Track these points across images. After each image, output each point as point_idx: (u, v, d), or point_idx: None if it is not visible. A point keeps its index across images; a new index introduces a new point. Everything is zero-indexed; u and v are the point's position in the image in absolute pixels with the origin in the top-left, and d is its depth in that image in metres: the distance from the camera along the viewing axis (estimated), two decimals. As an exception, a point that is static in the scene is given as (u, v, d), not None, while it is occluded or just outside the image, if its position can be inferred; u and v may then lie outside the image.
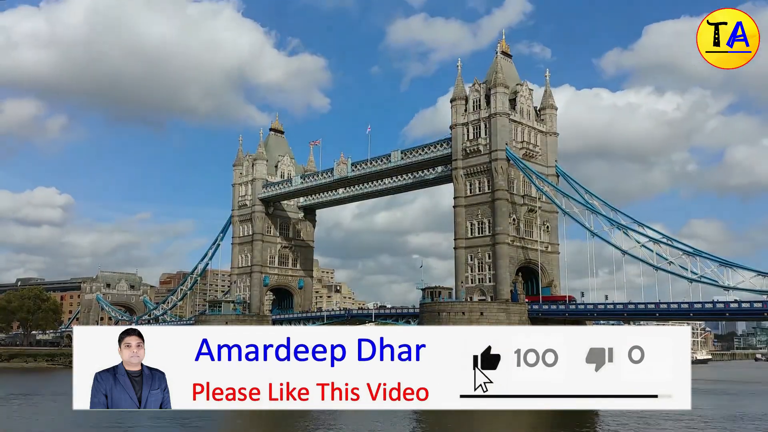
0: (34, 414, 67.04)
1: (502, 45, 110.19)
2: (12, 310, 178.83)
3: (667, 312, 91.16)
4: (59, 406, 68.99)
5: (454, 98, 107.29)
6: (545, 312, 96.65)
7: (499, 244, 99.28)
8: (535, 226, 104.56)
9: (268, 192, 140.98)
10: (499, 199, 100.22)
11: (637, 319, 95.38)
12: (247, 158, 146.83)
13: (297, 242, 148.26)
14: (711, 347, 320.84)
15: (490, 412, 51.90)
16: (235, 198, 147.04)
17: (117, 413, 65.36)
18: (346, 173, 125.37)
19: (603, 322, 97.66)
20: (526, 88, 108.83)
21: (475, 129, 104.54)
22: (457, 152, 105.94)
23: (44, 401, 79.71)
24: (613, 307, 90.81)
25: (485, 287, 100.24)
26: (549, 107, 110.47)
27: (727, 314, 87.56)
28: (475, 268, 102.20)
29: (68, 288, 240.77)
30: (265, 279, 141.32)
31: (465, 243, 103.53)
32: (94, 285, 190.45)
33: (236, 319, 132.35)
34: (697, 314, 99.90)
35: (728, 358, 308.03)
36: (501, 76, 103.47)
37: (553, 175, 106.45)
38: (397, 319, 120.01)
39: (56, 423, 60.52)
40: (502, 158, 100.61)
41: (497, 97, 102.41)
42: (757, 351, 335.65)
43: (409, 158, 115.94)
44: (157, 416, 62.68)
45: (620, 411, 69.81)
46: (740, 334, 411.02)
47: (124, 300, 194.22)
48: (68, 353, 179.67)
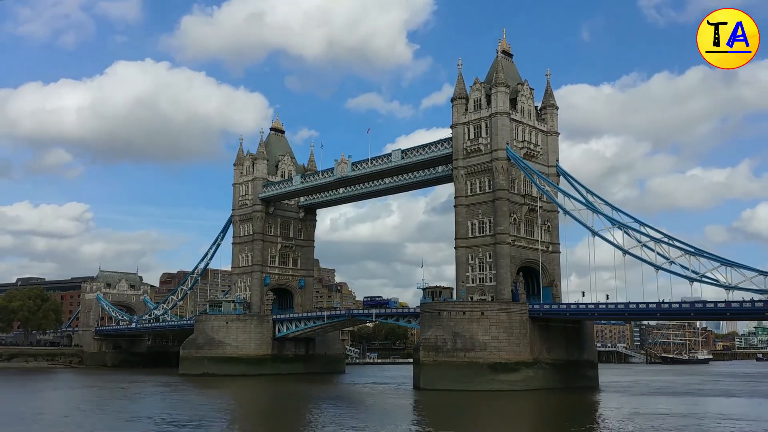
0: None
1: (502, 44, 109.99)
2: (13, 309, 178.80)
3: (668, 312, 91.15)
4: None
5: (455, 98, 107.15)
6: (546, 312, 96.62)
7: (500, 244, 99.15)
8: (536, 225, 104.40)
9: (268, 192, 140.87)
10: (499, 199, 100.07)
11: (637, 319, 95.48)
12: (247, 158, 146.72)
13: (297, 242, 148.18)
14: (712, 347, 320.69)
15: (491, 411, 51.46)
16: (236, 198, 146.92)
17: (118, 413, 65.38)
18: (347, 173, 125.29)
19: (604, 322, 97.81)
20: (527, 87, 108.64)
21: (476, 128, 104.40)
22: (458, 152, 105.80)
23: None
24: (614, 307, 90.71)
25: (486, 287, 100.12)
26: (550, 107, 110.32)
27: (728, 314, 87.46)
28: (475, 267, 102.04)
29: (68, 288, 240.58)
30: (266, 279, 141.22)
31: (466, 243, 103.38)
32: (94, 285, 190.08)
33: (237, 318, 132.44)
34: (698, 314, 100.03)
35: (729, 357, 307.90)
36: (502, 76, 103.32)
37: (554, 175, 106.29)
38: (398, 318, 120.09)
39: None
40: (503, 158, 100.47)
41: (498, 97, 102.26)
42: (758, 351, 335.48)
43: (410, 158, 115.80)
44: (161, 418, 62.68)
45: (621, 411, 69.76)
46: (741, 334, 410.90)
47: (125, 300, 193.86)
48: (68, 353, 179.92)
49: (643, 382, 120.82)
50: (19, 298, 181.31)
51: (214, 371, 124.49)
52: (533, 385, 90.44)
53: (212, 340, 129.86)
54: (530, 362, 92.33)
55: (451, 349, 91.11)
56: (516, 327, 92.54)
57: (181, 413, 64.95)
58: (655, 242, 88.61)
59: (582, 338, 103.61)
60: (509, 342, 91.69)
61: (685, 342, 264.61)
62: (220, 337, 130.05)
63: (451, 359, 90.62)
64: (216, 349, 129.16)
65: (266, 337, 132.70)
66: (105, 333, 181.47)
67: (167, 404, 76.06)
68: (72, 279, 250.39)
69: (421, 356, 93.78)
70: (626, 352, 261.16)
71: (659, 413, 66.49)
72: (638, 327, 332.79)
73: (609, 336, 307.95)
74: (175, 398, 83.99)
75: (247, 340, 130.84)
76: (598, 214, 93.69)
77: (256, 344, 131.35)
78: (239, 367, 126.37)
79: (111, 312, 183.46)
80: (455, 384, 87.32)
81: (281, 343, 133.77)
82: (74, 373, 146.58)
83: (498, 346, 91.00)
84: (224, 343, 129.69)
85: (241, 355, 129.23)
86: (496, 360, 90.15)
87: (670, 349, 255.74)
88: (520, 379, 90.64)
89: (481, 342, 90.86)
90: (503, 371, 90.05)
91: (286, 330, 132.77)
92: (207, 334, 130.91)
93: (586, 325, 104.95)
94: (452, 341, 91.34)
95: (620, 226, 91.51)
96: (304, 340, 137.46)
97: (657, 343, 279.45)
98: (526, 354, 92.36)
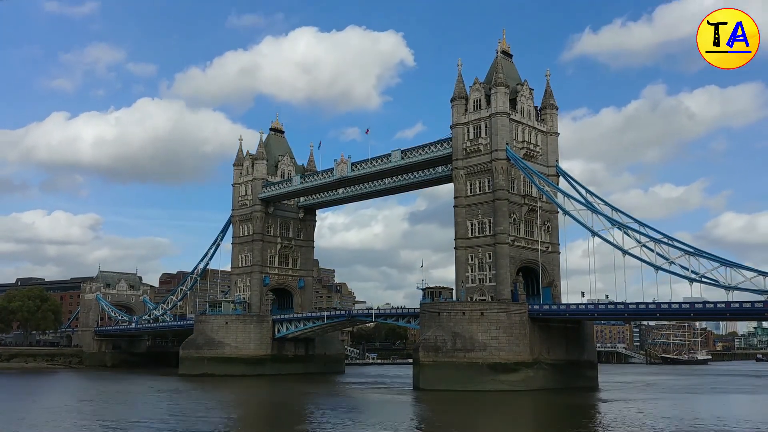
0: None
1: (502, 44, 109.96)
2: (12, 310, 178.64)
3: (667, 312, 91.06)
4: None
5: (455, 98, 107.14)
6: (546, 312, 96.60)
7: (500, 244, 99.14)
8: (536, 226, 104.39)
9: (268, 192, 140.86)
10: (499, 199, 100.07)
11: (637, 319, 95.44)
12: (247, 158, 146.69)
13: (297, 242, 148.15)
14: (711, 347, 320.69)
15: (491, 412, 51.43)
16: (235, 198, 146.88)
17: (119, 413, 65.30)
18: (346, 173, 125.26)
19: (603, 323, 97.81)
20: (527, 87, 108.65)
21: (476, 129, 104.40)
22: (457, 152, 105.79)
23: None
24: (614, 307, 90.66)
25: (486, 287, 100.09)
26: (549, 107, 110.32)
27: (728, 314, 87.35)
28: (475, 268, 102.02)
29: (68, 288, 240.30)
30: (266, 279, 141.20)
31: (465, 243, 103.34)
32: (93, 285, 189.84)
33: (236, 319, 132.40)
34: (697, 314, 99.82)
35: (728, 358, 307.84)
36: (501, 76, 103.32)
37: (554, 175, 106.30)
38: (398, 319, 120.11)
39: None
40: (502, 158, 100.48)
41: (498, 97, 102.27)
42: (758, 351, 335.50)
43: (409, 158, 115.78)
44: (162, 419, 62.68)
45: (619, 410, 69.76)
46: (741, 335, 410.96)
47: (124, 300, 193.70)
48: (68, 353, 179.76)
49: (643, 382, 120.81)
50: (19, 298, 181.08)
51: (214, 371, 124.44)
52: (533, 385, 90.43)
53: (212, 341, 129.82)
54: (530, 362, 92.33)
55: (450, 350, 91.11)
56: (516, 327, 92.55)
57: (181, 413, 64.89)
58: (654, 242, 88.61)
59: (582, 338, 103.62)
60: (509, 342, 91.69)
61: (684, 342, 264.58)
62: (220, 338, 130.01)
63: (450, 359, 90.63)
64: (216, 350, 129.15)
65: (266, 337, 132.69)
66: (104, 333, 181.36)
67: (167, 404, 75.94)
68: (72, 279, 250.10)
69: (421, 357, 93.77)
70: (626, 353, 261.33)
71: (659, 413, 66.48)
72: (638, 327, 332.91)
73: (609, 336, 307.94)
74: (175, 399, 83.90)
75: (247, 341, 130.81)
76: (597, 214, 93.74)
77: (256, 344, 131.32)
78: (239, 368, 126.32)
79: (110, 312, 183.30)
80: (455, 384, 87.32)
81: (281, 344, 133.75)
82: (74, 373, 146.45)
83: (498, 347, 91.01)
84: (224, 343, 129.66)
85: (240, 355, 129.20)
86: (495, 360, 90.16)
87: (670, 350, 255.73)
88: (520, 379, 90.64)
89: (480, 342, 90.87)
90: (503, 371, 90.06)
91: (285, 330, 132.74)
92: (207, 334, 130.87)
93: (585, 326, 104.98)
94: (452, 341, 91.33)
95: (620, 226, 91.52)
96: (303, 341, 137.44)
97: (657, 344, 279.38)
98: (526, 354, 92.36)
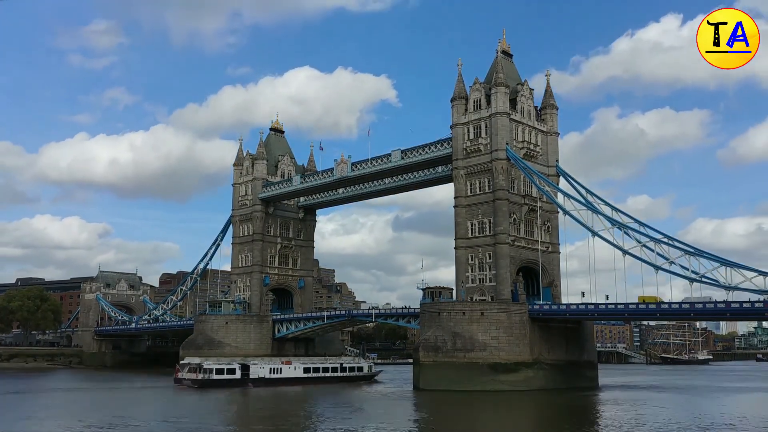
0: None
1: (502, 44, 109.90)
2: (12, 310, 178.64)
3: (668, 312, 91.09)
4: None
5: (455, 98, 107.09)
6: (546, 312, 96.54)
7: (500, 244, 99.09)
8: (536, 226, 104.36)
9: (268, 192, 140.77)
10: (499, 199, 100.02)
11: (637, 319, 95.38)
12: (247, 158, 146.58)
13: (297, 242, 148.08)
14: (712, 347, 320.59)
15: (491, 412, 51.37)
16: (235, 198, 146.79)
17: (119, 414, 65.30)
18: (346, 173, 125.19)
19: (604, 323, 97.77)
20: (527, 87, 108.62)
21: (476, 129, 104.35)
22: (457, 152, 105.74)
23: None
24: (614, 307, 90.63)
25: (486, 287, 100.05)
26: (549, 107, 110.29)
27: (728, 314, 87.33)
28: (475, 268, 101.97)
29: (68, 288, 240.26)
30: (266, 279, 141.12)
31: (465, 243, 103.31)
32: (93, 285, 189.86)
33: (236, 319, 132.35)
34: (698, 314, 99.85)
35: (729, 358, 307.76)
36: (501, 76, 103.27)
37: (554, 175, 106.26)
38: (398, 319, 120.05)
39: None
40: (502, 158, 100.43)
41: (498, 97, 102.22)
42: (758, 351, 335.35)
43: (409, 158, 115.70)
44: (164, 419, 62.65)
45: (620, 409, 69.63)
46: (741, 335, 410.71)
47: (124, 300, 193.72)
48: (68, 353, 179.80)
49: (643, 382, 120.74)
50: (19, 298, 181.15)
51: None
52: (533, 385, 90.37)
53: (212, 341, 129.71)
54: (530, 363, 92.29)
55: (450, 350, 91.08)
56: (516, 327, 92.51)
57: (180, 414, 64.85)
58: (655, 242, 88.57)
59: (582, 338, 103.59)
60: (509, 342, 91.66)
61: (684, 342, 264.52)
62: (220, 338, 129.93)
63: (450, 359, 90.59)
64: (215, 350, 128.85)
65: (266, 337, 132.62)
66: (104, 333, 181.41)
67: (166, 405, 75.94)
68: (71, 279, 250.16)
69: (421, 356, 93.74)
70: (626, 353, 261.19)
71: (659, 413, 66.43)
72: (638, 327, 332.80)
73: (609, 336, 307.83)
74: (175, 399, 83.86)
75: (247, 341, 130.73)
76: (597, 214, 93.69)
77: (256, 344, 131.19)
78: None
79: (110, 312, 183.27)
80: (455, 384, 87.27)
81: (281, 344, 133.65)
82: (73, 373, 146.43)
83: (498, 347, 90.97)
84: (224, 343, 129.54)
85: (240, 355, 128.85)
86: (495, 360, 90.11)
87: (670, 350, 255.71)
88: (520, 379, 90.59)
89: (480, 342, 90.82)
90: (503, 372, 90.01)
91: (285, 330, 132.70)
92: (206, 334, 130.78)
93: (586, 326, 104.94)
94: (452, 341, 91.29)
95: (620, 226, 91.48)
96: (303, 341, 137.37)
97: (657, 344, 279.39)
98: (526, 354, 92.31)
